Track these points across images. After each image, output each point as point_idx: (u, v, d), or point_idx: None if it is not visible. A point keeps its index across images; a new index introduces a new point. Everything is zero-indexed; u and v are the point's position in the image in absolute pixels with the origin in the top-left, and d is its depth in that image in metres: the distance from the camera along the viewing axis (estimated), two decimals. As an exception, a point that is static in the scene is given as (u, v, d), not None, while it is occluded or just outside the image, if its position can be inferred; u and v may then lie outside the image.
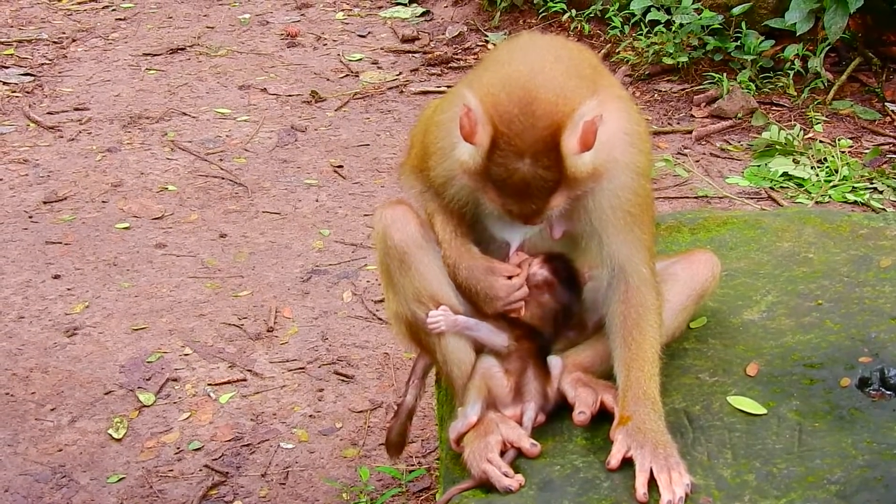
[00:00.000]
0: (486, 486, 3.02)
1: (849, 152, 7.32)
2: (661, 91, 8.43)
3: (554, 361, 3.25)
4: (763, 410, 3.15)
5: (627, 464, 2.94)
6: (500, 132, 2.82)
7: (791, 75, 8.17)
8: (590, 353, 3.30)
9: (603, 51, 8.94)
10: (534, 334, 3.28)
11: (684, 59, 8.44)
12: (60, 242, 6.31)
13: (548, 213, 2.95)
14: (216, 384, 5.13)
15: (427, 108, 3.57)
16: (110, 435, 4.80)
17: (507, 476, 2.99)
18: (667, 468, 2.87)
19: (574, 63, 3.03)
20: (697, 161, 7.36)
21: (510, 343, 3.23)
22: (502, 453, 3.08)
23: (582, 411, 3.10)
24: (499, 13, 9.85)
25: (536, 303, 3.24)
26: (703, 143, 7.65)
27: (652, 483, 2.87)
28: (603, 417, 3.11)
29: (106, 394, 5.05)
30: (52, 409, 4.95)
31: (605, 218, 3.09)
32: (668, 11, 8.59)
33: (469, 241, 3.27)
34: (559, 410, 3.19)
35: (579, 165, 2.82)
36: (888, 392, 3.23)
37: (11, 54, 9.20)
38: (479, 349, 3.29)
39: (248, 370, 5.22)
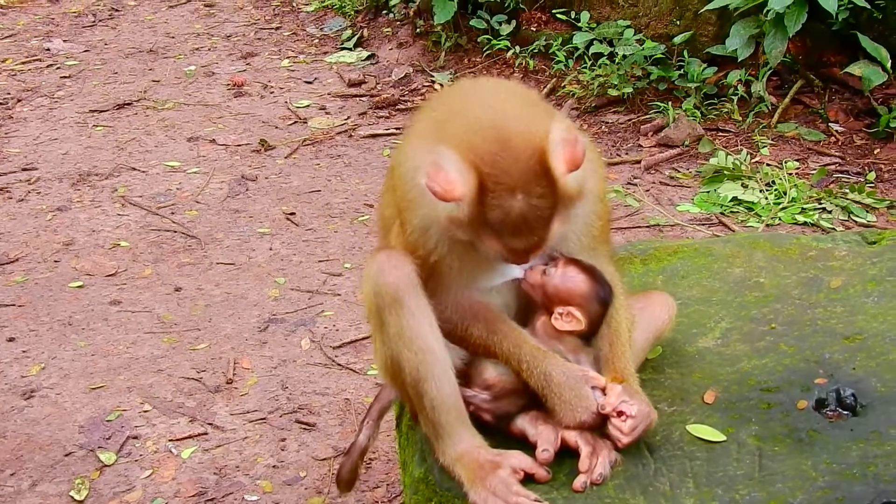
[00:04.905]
0: None
1: (796, 174, 7.40)
2: (608, 122, 8.50)
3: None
4: (722, 437, 3.17)
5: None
6: (486, 174, 2.80)
7: (735, 101, 8.27)
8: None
9: (549, 85, 9.01)
10: None
11: (629, 89, 8.52)
12: (13, 304, 6.25)
13: (549, 242, 2.95)
14: (177, 439, 5.08)
15: (387, 175, 3.46)
16: (72, 497, 4.74)
17: (538, 501, 2.98)
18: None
19: (525, 96, 3.16)
20: (647, 190, 7.42)
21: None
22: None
23: (546, 449, 3.09)
24: (443, 53, 9.90)
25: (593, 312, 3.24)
26: (653, 171, 7.71)
27: None
28: (563, 454, 3.11)
29: (66, 455, 5.00)
30: (12, 474, 4.89)
31: (573, 244, 3.21)
32: (610, 44, 8.69)
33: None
34: (519, 449, 3.18)
35: (570, 184, 2.84)
36: (845, 412, 3.27)
37: (-44, 117, 9.16)
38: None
39: (209, 423, 5.19)
